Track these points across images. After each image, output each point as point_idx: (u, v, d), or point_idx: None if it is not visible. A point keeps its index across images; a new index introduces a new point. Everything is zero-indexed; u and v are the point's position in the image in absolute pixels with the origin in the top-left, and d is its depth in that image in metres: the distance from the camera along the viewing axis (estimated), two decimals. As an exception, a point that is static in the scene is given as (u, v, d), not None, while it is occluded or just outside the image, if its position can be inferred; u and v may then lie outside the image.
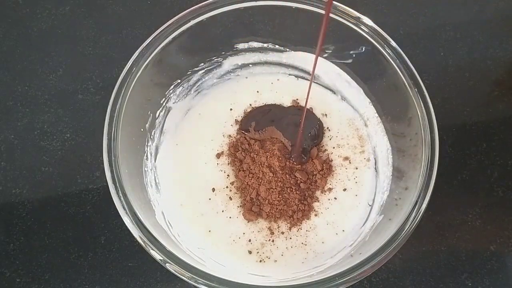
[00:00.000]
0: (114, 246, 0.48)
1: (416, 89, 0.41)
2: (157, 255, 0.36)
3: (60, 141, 0.52)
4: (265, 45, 0.49)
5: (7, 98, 0.53)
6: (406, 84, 0.41)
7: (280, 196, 0.45)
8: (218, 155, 0.47)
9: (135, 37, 0.56)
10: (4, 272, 0.47)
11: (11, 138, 0.52)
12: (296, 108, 0.50)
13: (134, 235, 0.37)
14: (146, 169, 0.45)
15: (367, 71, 0.46)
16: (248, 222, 0.45)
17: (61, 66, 0.55)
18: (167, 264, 0.36)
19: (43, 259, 0.47)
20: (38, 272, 0.47)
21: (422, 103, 0.40)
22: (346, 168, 0.47)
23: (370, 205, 0.46)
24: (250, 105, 0.50)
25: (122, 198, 0.37)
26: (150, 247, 0.36)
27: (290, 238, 0.44)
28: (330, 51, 0.48)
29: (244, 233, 0.45)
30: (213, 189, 0.46)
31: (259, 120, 0.48)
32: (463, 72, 0.55)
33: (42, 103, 0.53)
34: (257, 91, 0.51)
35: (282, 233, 0.45)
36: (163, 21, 0.43)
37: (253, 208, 0.45)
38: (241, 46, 0.49)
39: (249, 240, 0.44)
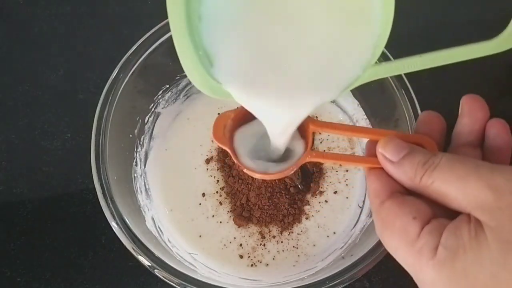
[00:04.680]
0: (114, 246, 0.48)
1: (403, 90, 0.41)
2: (145, 261, 0.37)
3: (60, 140, 0.52)
4: None
5: (8, 98, 0.53)
6: (393, 85, 0.42)
7: (270, 201, 0.45)
8: (208, 161, 0.48)
9: (135, 37, 0.56)
10: (4, 272, 0.47)
11: (11, 138, 0.52)
12: None
13: (122, 241, 0.38)
14: (135, 175, 0.45)
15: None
16: (238, 227, 0.45)
17: (61, 66, 0.55)
18: (155, 270, 0.36)
19: (44, 258, 0.48)
20: (38, 271, 0.47)
21: (409, 105, 0.41)
22: (336, 171, 0.47)
23: (360, 207, 0.46)
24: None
25: (110, 205, 0.38)
26: (138, 253, 0.37)
27: (282, 241, 0.45)
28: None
29: (235, 238, 0.45)
30: (203, 194, 0.46)
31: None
32: (463, 72, 0.55)
33: (43, 103, 0.53)
34: None
35: (274, 237, 0.45)
36: (163, 21, 0.43)
37: (243, 213, 0.45)
38: (231, 48, 0.49)
39: (240, 245, 0.45)
